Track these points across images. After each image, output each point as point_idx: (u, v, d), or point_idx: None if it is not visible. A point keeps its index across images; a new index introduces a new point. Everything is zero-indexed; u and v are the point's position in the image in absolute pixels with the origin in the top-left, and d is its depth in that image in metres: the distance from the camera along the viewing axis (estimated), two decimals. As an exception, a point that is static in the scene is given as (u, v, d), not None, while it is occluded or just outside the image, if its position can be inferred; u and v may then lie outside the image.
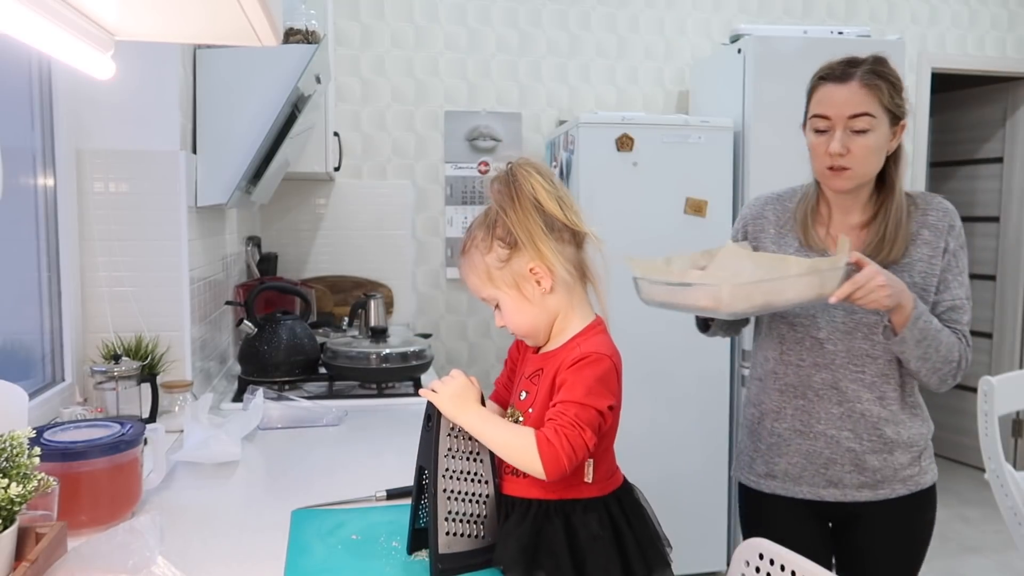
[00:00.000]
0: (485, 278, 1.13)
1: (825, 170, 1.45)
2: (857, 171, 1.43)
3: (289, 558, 1.12)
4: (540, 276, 1.11)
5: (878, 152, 1.43)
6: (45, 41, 0.95)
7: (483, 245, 1.12)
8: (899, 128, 1.47)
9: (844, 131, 1.41)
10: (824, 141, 1.44)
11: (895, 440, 1.50)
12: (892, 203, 1.48)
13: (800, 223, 1.55)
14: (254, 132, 2.00)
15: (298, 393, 2.11)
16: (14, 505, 0.88)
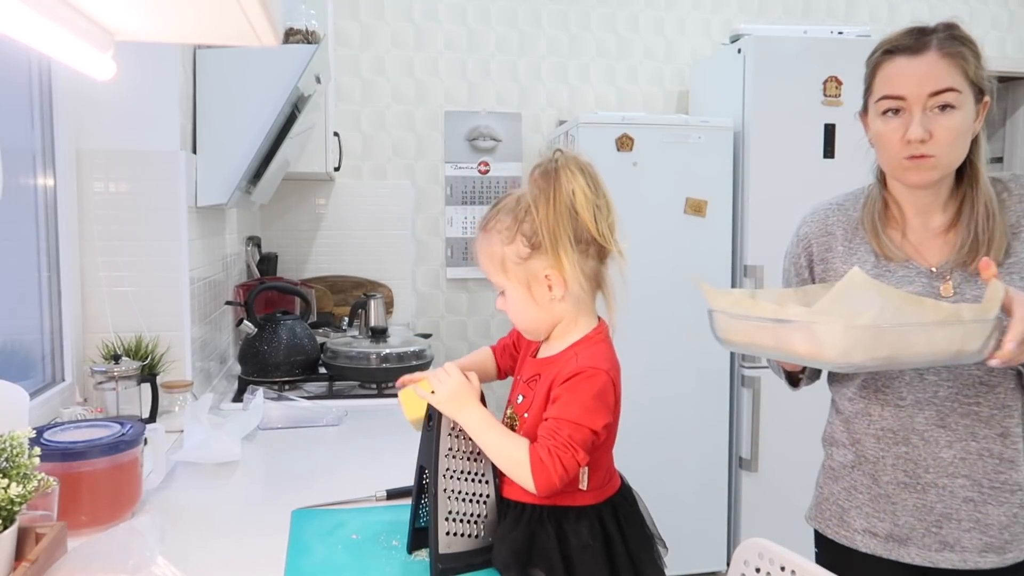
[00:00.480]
0: (499, 266, 1.11)
1: (903, 161, 1.20)
2: (942, 159, 1.18)
3: (289, 558, 1.12)
4: (553, 284, 1.09)
5: (965, 134, 1.19)
6: (45, 41, 0.95)
7: (506, 234, 1.09)
8: (983, 106, 1.22)
9: (924, 112, 1.17)
10: (899, 126, 1.19)
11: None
12: (979, 194, 1.23)
13: (871, 230, 1.30)
14: (254, 132, 2.00)
15: (298, 393, 2.11)
16: (14, 505, 0.88)
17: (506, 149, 3.54)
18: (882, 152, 1.25)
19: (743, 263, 3.03)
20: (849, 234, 1.34)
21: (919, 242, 1.28)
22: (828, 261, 1.34)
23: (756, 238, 2.99)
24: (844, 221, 1.36)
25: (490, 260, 1.12)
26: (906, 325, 1.02)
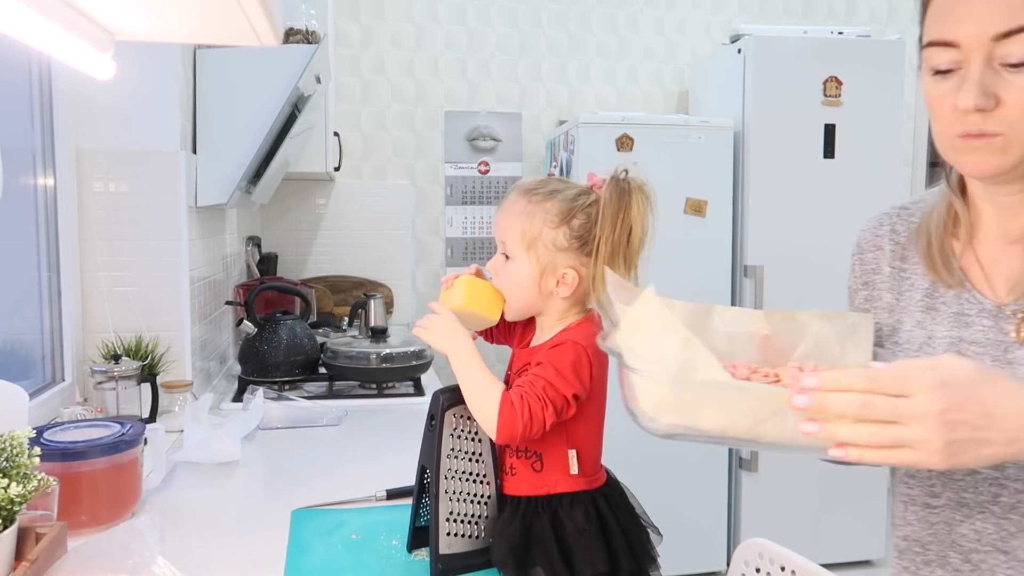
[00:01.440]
0: (528, 240, 1.10)
1: (955, 141, 0.81)
2: (1015, 139, 0.78)
3: (289, 558, 1.12)
4: (566, 282, 1.11)
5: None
6: (45, 41, 0.95)
7: (554, 219, 1.10)
8: None
9: (986, 66, 0.77)
10: (951, 90, 0.79)
11: None
12: None
13: (923, 242, 0.93)
14: (254, 132, 2.00)
15: (298, 393, 2.11)
16: (14, 505, 0.88)
17: (506, 149, 3.54)
18: (933, 128, 0.86)
19: (743, 263, 3.03)
20: (901, 250, 0.96)
21: (990, 260, 0.88)
22: (873, 287, 0.98)
23: (756, 238, 2.99)
24: (901, 231, 0.97)
25: (521, 230, 1.11)
26: (721, 389, 0.71)
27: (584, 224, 1.10)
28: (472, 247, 3.55)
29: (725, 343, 0.85)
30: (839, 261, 3.37)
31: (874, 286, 0.98)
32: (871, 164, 3.00)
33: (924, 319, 0.91)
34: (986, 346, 0.84)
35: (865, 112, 2.97)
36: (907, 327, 0.92)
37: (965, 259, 0.90)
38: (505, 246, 1.13)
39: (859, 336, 0.83)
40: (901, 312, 0.94)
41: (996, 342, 0.84)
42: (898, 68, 3.02)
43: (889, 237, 0.98)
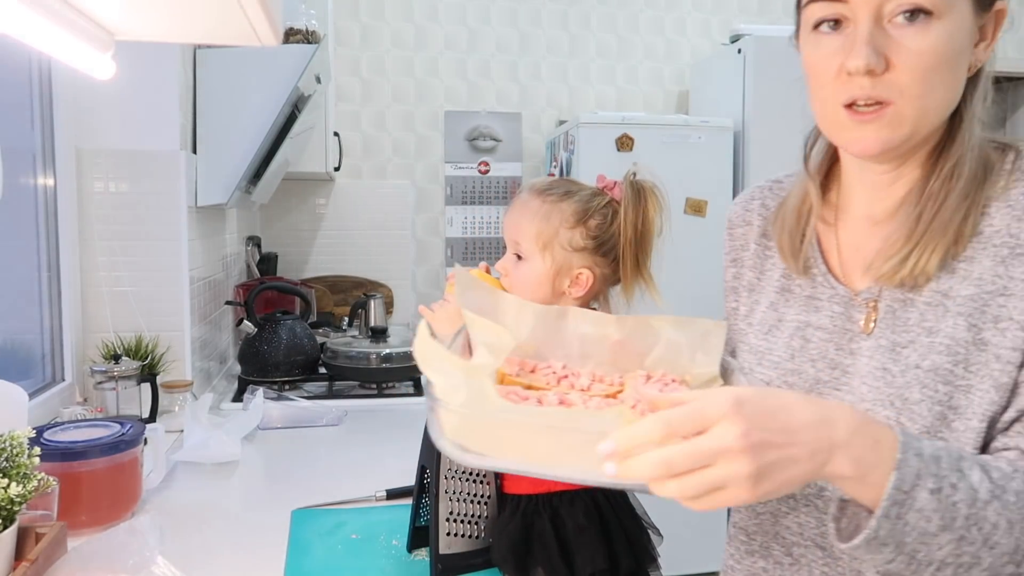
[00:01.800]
0: (544, 239, 1.10)
1: (840, 114, 0.74)
2: (908, 108, 0.71)
3: (289, 558, 1.12)
4: (578, 284, 1.12)
5: (953, 63, 0.71)
6: (45, 41, 0.95)
7: (571, 219, 1.10)
8: (991, 18, 0.74)
9: (877, 24, 0.70)
10: (836, 50, 0.72)
11: None
12: (945, 163, 0.75)
13: (779, 226, 0.88)
14: (254, 132, 2.00)
15: (298, 393, 2.11)
16: (14, 505, 0.88)
17: (506, 149, 3.54)
18: (815, 98, 0.78)
19: (743, 263, 3.03)
20: (767, 224, 0.92)
21: (852, 245, 0.84)
22: (741, 263, 0.94)
23: (756, 238, 2.99)
24: (772, 206, 0.93)
25: (537, 230, 1.11)
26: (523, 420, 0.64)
27: (600, 225, 1.11)
28: (472, 247, 3.55)
29: (578, 345, 0.84)
30: (839, 261, 3.29)
31: (741, 263, 0.95)
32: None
33: (778, 301, 0.88)
34: (832, 333, 0.82)
35: (865, 112, 2.96)
36: (762, 307, 0.90)
37: (826, 242, 0.85)
38: (519, 246, 1.13)
39: (710, 343, 0.81)
40: (760, 292, 0.92)
41: (843, 330, 0.81)
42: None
43: (759, 212, 0.94)
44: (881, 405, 0.75)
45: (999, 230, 0.74)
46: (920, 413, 0.73)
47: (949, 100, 0.73)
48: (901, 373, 0.75)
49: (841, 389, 0.80)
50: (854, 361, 0.80)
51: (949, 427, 0.72)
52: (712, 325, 0.82)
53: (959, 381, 0.72)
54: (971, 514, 0.63)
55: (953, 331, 0.73)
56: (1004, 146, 0.79)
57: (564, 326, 0.85)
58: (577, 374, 0.79)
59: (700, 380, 0.81)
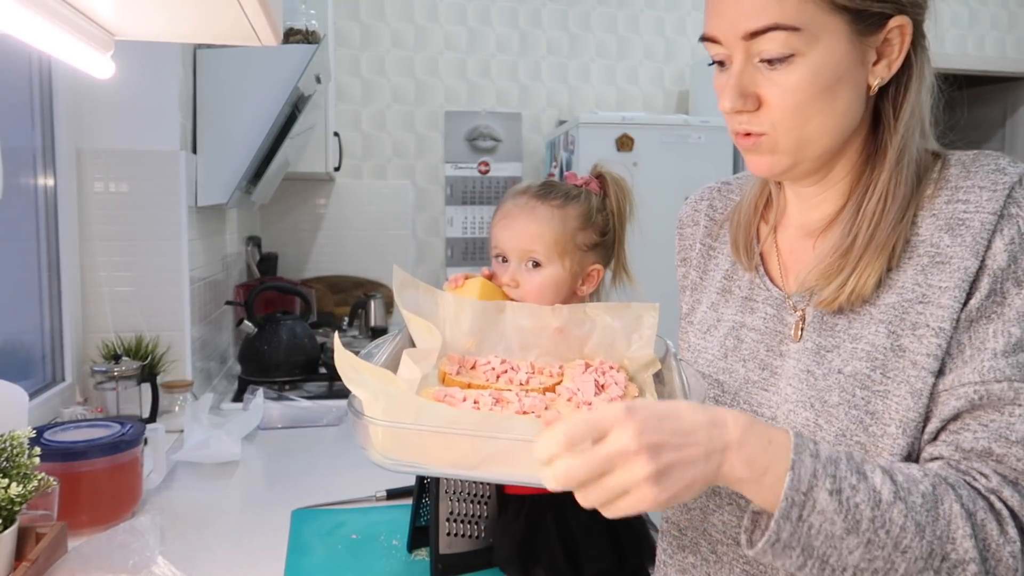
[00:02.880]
0: (561, 245, 1.11)
1: (736, 138, 0.79)
2: (782, 138, 0.75)
3: (289, 558, 1.12)
4: (591, 281, 1.14)
5: (825, 95, 0.73)
6: (45, 41, 0.95)
7: (581, 220, 1.13)
8: (892, 34, 0.73)
9: (747, 63, 0.74)
10: (722, 87, 0.77)
11: None
12: (878, 179, 0.77)
13: (734, 222, 0.91)
14: (254, 132, 2.00)
15: (298, 393, 2.11)
16: (14, 505, 0.88)
17: (506, 149, 3.54)
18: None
19: (743, 263, 3.03)
20: (716, 227, 0.95)
21: (788, 249, 0.86)
22: (689, 263, 0.97)
23: (756, 238, 2.99)
24: (719, 207, 0.96)
25: (555, 235, 1.11)
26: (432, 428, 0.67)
27: (605, 221, 1.15)
28: (472, 247, 3.55)
29: (518, 337, 0.86)
30: (839, 261, 3.27)
31: (689, 263, 0.97)
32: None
33: (718, 301, 0.90)
34: (764, 334, 0.84)
35: (865, 112, 2.96)
36: (703, 307, 0.92)
37: (766, 245, 0.88)
38: (533, 254, 1.12)
39: (644, 328, 0.84)
40: (701, 292, 0.94)
41: (774, 332, 0.83)
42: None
43: (706, 213, 0.96)
44: (802, 407, 0.77)
45: (924, 239, 0.75)
46: (837, 416, 0.74)
47: (832, 126, 0.75)
48: (823, 377, 0.76)
49: (768, 390, 0.82)
50: (782, 363, 0.81)
51: (866, 431, 0.72)
52: (645, 308, 0.85)
53: (876, 387, 0.73)
54: (875, 516, 0.63)
55: (874, 338, 0.74)
56: (935, 153, 0.80)
57: (503, 319, 0.87)
58: (517, 368, 0.80)
59: (638, 364, 0.82)
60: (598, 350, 0.84)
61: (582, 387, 0.75)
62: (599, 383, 0.77)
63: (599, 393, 0.76)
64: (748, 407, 0.83)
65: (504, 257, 1.13)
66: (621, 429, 0.59)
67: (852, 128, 0.76)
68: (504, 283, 1.12)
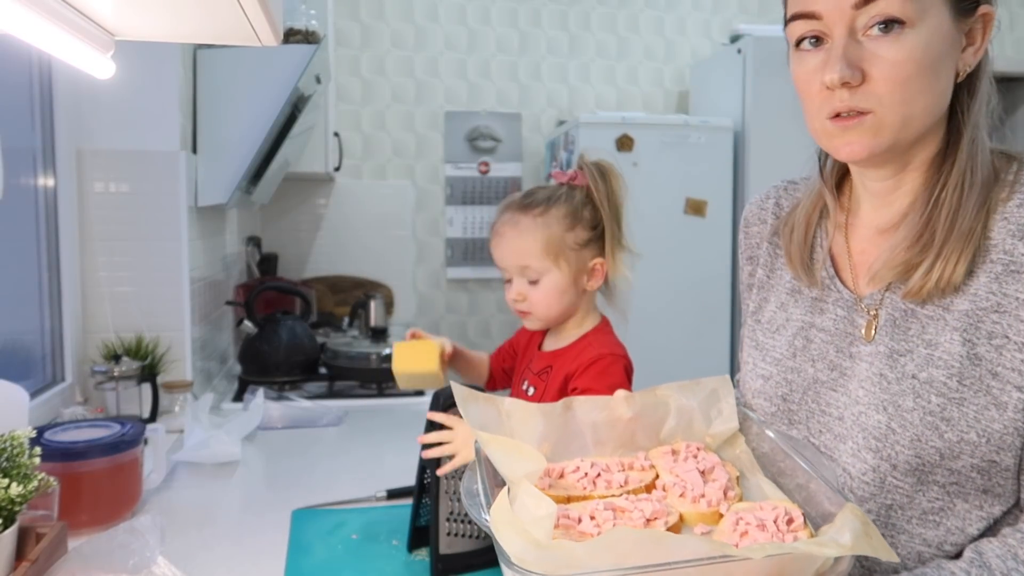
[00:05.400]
0: (553, 250, 1.12)
1: (826, 123, 0.76)
2: (888, 115, 0.72)
3: (289, 558, 1.12)
4: (597, 275, 1.15)
5: (931, 69, 0.71)
6: (45, 41, 0.95)
7: (567, 221, 1.13)
8: (977, 22, 0.75)
9: (850, 38, 0.72)
10: (817, 67, 0.75)
11: None
12: (952, 169, 0.75)
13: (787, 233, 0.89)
14: (254, 132, 2.00)
15: (298, 393, 2.11)
16: (14, 505, 0.88)
17: (506, 149, 3.54)
18: (805, 111, 0.80)
19: (743, 263, 3.03)
20: (782, 225, 0.92)
21: (859, 250, 0.85)
22: (756, 261, 0.96)
23: (756, 238, 2.99)
24: (785, 206, 0.94)
25: (543, 244, 1.13)
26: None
27: (593, 215, 1.16)
28: (472, 247, 3.55)
29: (591, 433, 0.82)
30: (839, 261, 3.24)
31: (756, 261, 0.96)
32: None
33: (787, 301, 0.90)
34: (834, 335, 0.83)
35: (865, 112, 2.97)
36: (771, 307, 0.92)
37: (836, 246, 0.87)
38: (528, 269, 1.14)
39: (721, 402, 0.80)
40: (769, 290, 0.93)
41: (844, 333, 0.82)
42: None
43: (772, 211, 0.95)
44: (874, 409, 0.77)
45: (996, 244, 0.74)
46: (912, 421, 0.74)
47: (932, 106, 0.74)
48: (897, 381, 0.76)
49: (837, 390, 0.81)
50: (853, 365, 0.81)
51: (942, 438, 0.73)
52: (718, 382, 0.82)
53: (952, 394, 0.73)
54: None
55: (949, 345, 0.74)
56: (1009, 156, 0.80)
57: (572, 417, 0.83)
58: (608, 468, 0.76)
59: (720, 439, 0.80)
60: (675, 433, 0.81)
61: (688, 479, 0.71)
62: (701, 470, 0.74)
63: (707, 482, 0.72)
64: (816, 407, 0.83)
65: (508, 276, 1.16)
66: None
67: (941, 111, 0.75)
68: (512, 299, 1.14)
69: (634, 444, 0.82)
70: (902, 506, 0.77)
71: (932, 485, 0.75)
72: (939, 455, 0.73)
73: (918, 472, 0.74)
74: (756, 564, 0.58)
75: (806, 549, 0.60)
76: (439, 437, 1.07)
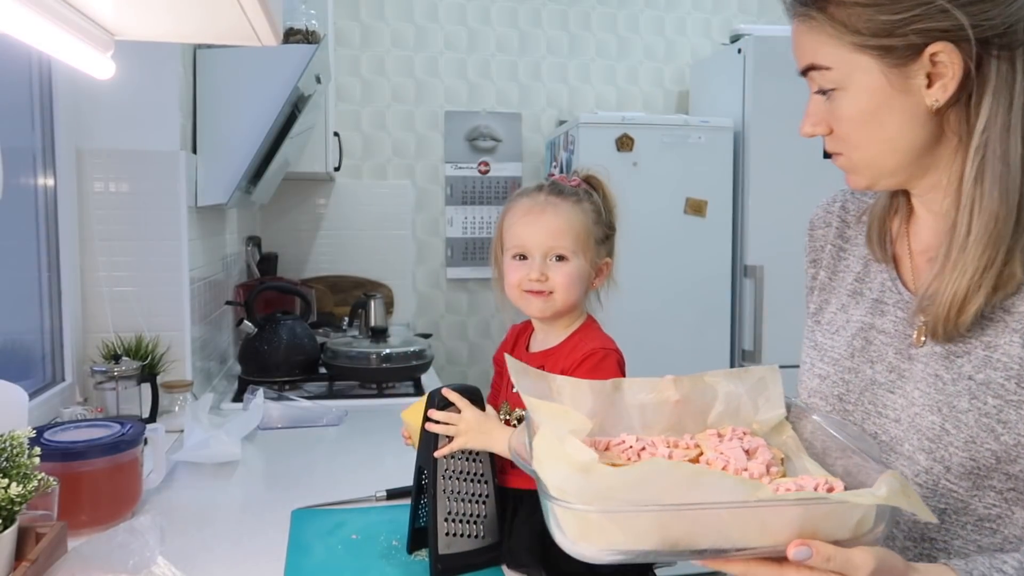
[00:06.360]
0: (579, 237, 1.15)
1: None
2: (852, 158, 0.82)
3: (289, 558, 1.12)
4: (603, 274, 1.19)
5: (871, 122, 0.78)
6: (45, 41, 0.95)
7: (593, 214, 1.17)
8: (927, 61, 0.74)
9: (820, 93, 0.81)
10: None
11: None
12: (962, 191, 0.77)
13: (872, 214, 0.91)
14: (254, 132, 2.00)
15: (298, 393, 2.11)
16: (14, 505, 0.88)
17: (506, 149, 3.54)
18: None
19: (743, 263, 3.03)
20: (846, 229, 0.96)
21: (921, 249, 0.87)
22: (819, 264, 0.98)
23: (756, 238, 2.99)
24: (851, 210, 0.96)
25: (578, 229, 1.15)
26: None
27: (609, 217, 1.20)
28: (472, 247, 3.55)
29: (638, 415, 0.83)
30: (839, 261, 3.23)
31: (819, 263, 0.97)
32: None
33: (848, 303, 0.91)
34: (893, 336, 0.84)
35: (865, 112, 2.96)
36: (832, 308, 0.93)
37: (900, 247, 0.88)
38: (562, 248, 1.14)
39: (769, 390, 0.82)
40: (830, 292, 0.95)
41: (903, 335, 0.83)
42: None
43: (838, 215, 0.97)
44: (929, 410, 0.77)
45: None
46: (966, 423, 0.74)
47: (889, 148, 0.79)
48: (952, 382, 0.77)
49: (895, 392, 0.82)
50: (911, 366, 0.81)
51: (997, 440, 0.73)
52: (765, 371, 0.83)
53: (1011, 396, 0.73)
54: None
55: (1009, 347, 0.74)
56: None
57: (621, 398, 0.84)
58: (653, 443, 0.77)
59: (767, 427, 0.80)
60: (722, 419, 0.82)
61: (732, 455, 0.73)
62: (745, 448, 0.75)
63: (750, 459, 0.73)
64: (872, 408, 0.83)
65: (523, 255, 1.14)
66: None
67: (915, 146, 0.79)
68: (532, 279, 1.13)
69: (681, 428, 0.82)
70: (957, 511, 0.77)
71: (988, 490, 0.75)
72: (995, 458, 0.73)
73: (973, 476, 0.74)
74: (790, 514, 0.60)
75: (840, 498, 0.61)
76: (447, 418, 1.07)
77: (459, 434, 1.06)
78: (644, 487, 0.60)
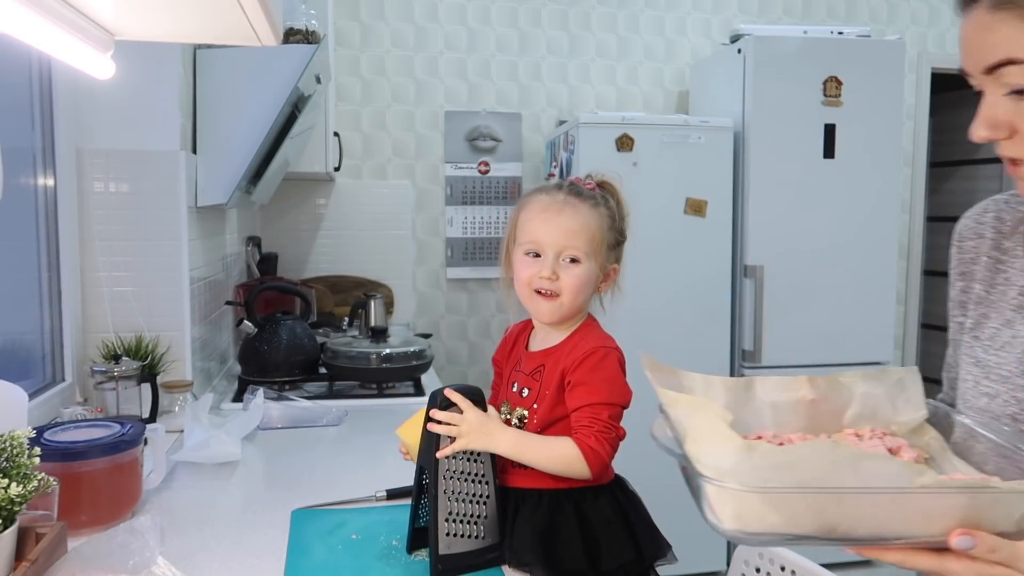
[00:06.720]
0: (593, 240, 1.14)
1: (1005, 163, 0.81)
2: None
3: (289, 558, 1.12)
4: (609, 280, 1.18)
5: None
6: (45, 41, 0.95)
7: (607, 220, 1.16)
8: None
9: (998, 94, 0.77)
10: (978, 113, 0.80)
11: None
12: None
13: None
14: (254, 132, 2.00)
15: (298, 393, 2.11)
16: (14, 505, 0.88)
17: (506, 149, 3.54)
18: None
19: (743, 263, 3.03)
20: (1003, 240, 0.90)
21: None
22: (970, 277, 0.93)
23: (756, 238, 2.99)
24: (1007, 219, 0.91)
25: (593, 232, 1.15)
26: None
27: (622, 224, 1.20)
28: (472, 247, 3.55)
29: (771, 414, 0.82)
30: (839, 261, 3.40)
31: (971, 276, 0.92)
32: (871, 164, 2.99)
33: (1015, 318, 0.86)
34: None
35: (865, 112, 2.96)
36: (993, 323, 0.88)
37: None
38: (575, 249, 1.14)
39: (908, 392, 0.80)
40: (989, 306, 0.90)
41: None
42: (898, 68, 3.01)
43: (992, 225, 0.91)
44: None
45: None
46: None
47: None
48: None
49: None
50: None
51: None
52: (904, 372, 0.81)
53: None
54: None
55: None
56: None
57: (753, 396, 0.83)
58: (791, 440, 0.76)
59: (906, 429, 0.79)
60: (859, 420, 0.80)
61: (873, 451, 0.71)
62: (888, 448, 0.73)
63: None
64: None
65: (536, 252, 1.14)
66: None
67: None
68: (543, 276, 1.12)
69: (815, 428, 0.81)
70: None
71: None
72: None
73: None
74: (954, 503, 0.58)
75: (1010, 487, 0.59)
76: (450, 418, 1.08)
77: (461, 435, 1.06)
78: (806, 467, 0.60)
